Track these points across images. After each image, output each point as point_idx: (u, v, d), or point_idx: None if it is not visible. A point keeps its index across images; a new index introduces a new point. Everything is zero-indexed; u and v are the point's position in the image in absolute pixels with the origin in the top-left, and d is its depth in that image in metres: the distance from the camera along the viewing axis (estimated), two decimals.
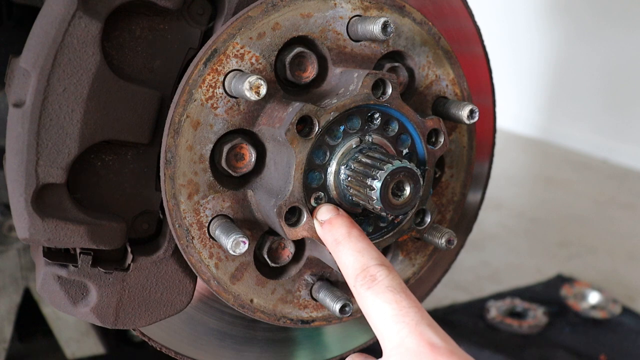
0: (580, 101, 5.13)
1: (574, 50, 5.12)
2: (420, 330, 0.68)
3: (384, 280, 0.73)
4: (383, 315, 0.71)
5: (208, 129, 0.84)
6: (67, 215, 0.82)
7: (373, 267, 0.75)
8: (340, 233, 0.80)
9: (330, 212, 0.83)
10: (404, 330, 0.69)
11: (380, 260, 0.76)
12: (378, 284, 0.73)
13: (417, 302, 0.71)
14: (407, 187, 0.83)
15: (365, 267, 0.76)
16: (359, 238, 0.79)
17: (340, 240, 0.80)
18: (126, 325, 0.91)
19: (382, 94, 0.86)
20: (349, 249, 0.78)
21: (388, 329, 0.70)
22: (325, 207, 0.84)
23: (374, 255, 0.77)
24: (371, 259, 0.76)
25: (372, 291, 0.73)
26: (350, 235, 0.80)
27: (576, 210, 3.72)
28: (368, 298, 0.73)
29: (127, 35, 0.85)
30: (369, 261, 0.76)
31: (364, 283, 0.74)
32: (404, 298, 0.71)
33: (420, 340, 0.68)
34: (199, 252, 0.86)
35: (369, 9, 0.90)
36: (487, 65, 1.14)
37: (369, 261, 0.76)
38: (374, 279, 0.74)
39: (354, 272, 0.76)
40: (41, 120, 0.78)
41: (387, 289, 0.72)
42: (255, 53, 0.84)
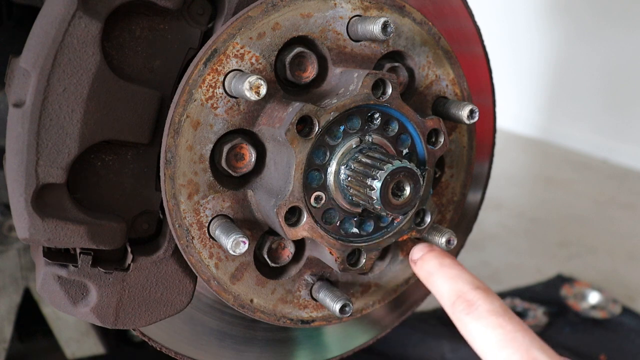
0: (580, 101, 5.13)
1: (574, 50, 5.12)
2: (533, 356, 0.65)
3: (483, 305, 0.71)
4: (488, 342, 0.68)
5: (208, 129, 0.84)
6: (67, 215, 0.82)
7: (469, 291, 0.73)
8: (432, 265, 0.80)
9: (422, 250, 0.83)
10: (514, 356, 0.66)
11: (476, 284, 0.74)
12: (477, 308, 0.71)
13: (522, 324, 0.69)
14: (407, 187, 0.83)
15: (461, 292, 0.74)
16: (451, 266, 0.78)
17: (433, 271, 0.79)
18: (126, 325, 0.91)
19: (382, 94, 0.86)
20: (442, 278, 0.77)
21: (495, 356, 0.67)
22: (418, 247, 0.84)
23: (469, 279, 0.75)
24: (466, 283, 0.74)
25: (472, 317, 0.71)
26: (442, 265, 0.79)
27: (576, 210, 3.72)
28: (469, 324, 0.71)
29: (127, 35, 0.85)
30: (464, 286, 0.74)
31: (463, 309, 0.72)
32: (507, 322, 0.69)
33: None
34: (199, 252, 0.86)
35: (369, 9, 0.90)
36: (487, 65, 1.14)
37: (463, 286, 0.74)
38: (472, 303, 0.72)
39: (450, 299, 0.74)
40: (41, 120, 0.78)
41: (488, 313, 0.70)
42: (255, 53, 0.84)
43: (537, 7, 5.39)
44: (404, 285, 1.04)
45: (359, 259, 0.92)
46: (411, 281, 1.04)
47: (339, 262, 0.89)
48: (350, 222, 0.90)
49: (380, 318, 1.14)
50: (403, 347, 2.02)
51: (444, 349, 2.04)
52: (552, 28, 5.27)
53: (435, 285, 0.78)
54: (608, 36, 4.79)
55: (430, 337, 2.06)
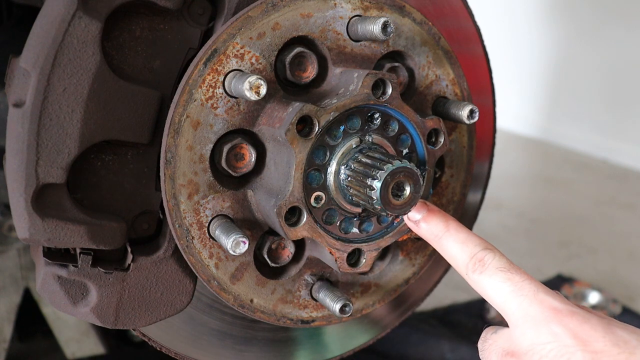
0: (580, 101, 5.12)
1: (574, 50, 5.12)
2: (540, 299, 0.75)
3: (493, 262, 0.80)
4: (501, 294, 0.78)
5: (208, 129, 0.84)
6: (67, 215, 0.82)
7: (479, 252, 0.82)
8: (439, 228, 0.86)
9: (421, 210, 0.87)
10: (525, 301, 0.76)
11: (484, 244, 0.83)
12: (488, 267, 0.80)
13: (527, 275, 0.78)
14: (407, 187, 0.83)
15: (472, 254, 0.82)
16: (457, 229, 0.85)
17: (440, 234, 0.86)
18: (126, 325, 0.91)
19: (382, 94, 0.86)
20: (452, 242, 0.85)
21: (509, 305, 0.77)
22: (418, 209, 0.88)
23: (476, 241, 0.83)
24: (475, 246, 0.82)
25: (485, 275, 0.80)
26: (449, 227, 0.85)
27: (576, 210, 3.72)
28: (482, 281, 0.80)
29: (127, 35, 0.85)
30: (474, 248, 0.82)
31: (475, 269, 0.81)
32: (515, 274, 0.78)
33: (542, 307, 0.75)
34: (199, 252, 0.86)
35: (369, 9, 0.90)
36: (487, 65, 1.14)
37: (474, 248, 0.82)
38: (483, 263, 0.80)
39: (464, 262, 0.83)
40: (41, 120, 0.78)
41: (498, 270, 0.79)
42: (255, 53, 0.84)
43: (537, 7, 5.39)
44: (404, 285, 1.04)
45: (359, 259, 0.92)
46: (411, 281, 1.04)
47: (339, 262, 0.89)
48: (350, 222, 0.90)
49: (380, 318, 1.14)
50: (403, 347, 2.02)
51: (444, 349, 2.04)
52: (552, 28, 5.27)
53: (446, 249, 0.85)
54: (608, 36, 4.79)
55: (430, 337, 2.06)
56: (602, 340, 0.71)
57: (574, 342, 0.72)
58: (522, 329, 0.76)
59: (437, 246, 0.87)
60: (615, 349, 0.70)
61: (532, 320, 0.75)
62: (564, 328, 0.73)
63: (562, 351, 0.72)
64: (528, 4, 5.47)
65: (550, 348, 0.73)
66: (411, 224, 0.89)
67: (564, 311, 0.74)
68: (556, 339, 0.73)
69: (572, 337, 0.72)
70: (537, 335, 0.74)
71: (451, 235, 0.85)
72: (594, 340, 0.71)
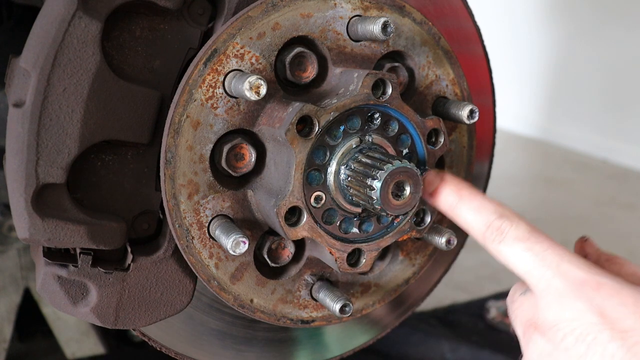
0: (580, 101, 5.12)
1: (574, 50, 5.12)
2: (563, 270, 0.70)
3: (511, 232, 0.75)
4: (522, 265, 0.73)
5: (208, 129, 0.84)
6: (67, 215, 0.82)
7: (495, 221, 0.76)
8: (453, 198, 0.81)
9: (434, 181, 0.84)
10: (548, 273, 0.71)
11: (500, 211, 0.77)
12: (507, 236, 0.75)
13: (549, 241, 0.73)
14: (407, 187, 0.83)
15: (488, 223, 0.77)
16: (471, 197, 0.80)
17: (454, 204, 0.81)
18: (126, 325, 0.91)
19: (382, 94, 0.86)
20: (466, 211, 0.80)
21: (532, 276, 0.72)
22: (429, 178, 0.84)
23: (492, 209, 0.78)
24: (491, 213, 0.77)
25: (503, 245, 0.75)
26: (462, 197, 0.81)
27: (576, 210, 3.72)
28: (502, 252, 0.75)
29: (127, 35, 0.85)
30: (489, 216, 0.77)
31: (494, 239, 0.76)
32: (535, 243, 0.73)
33: (566, 279, 0.69)
34: (199, 252, 0.86)
35: (369, 9, 0.90)
36: (487, 65, 1.14)
37: (489, 217, 0.77)
38: (501, 232, 0.75)
39: (480, 231, 0.78)
40: (41, 120, 0.78)
41: (516, 240, 0.74)
42: (255, 53, 0.84)
43: (537, 7, 5.39)
44: (404, 285, 1.04)
45: (359, 259, 0.92)
46: (411, 281, 1.04)
47: (339, 262, 0.89)
48: (350, 222, 0.90)
49: (380, 318, 1.14)
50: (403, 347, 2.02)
51: (444, 349, 2.04)
52: (552, 28, 5.27)
53: (461, 218, 0.81)
54: (608, 36, 4.79)
55: (430, 337, 2.06)
56: (631, 317, 0.64)
57: (600, 320, 0.65)
58: (547, 301, 0.70)
59: (452, 217, 0.82)
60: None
61: (556, 293, 0.69)
62: (589, 304, 0.67)
63: (588, 330, 0.66)
64: (528, 4, 5.47)
65: (575, 326, 0.67)
66: (426, 197, 0.85)
67: (590, 283, 0.68)
68: (581, 316, 0.67)
69: (598, 315, 0.66)
70: (562, 311, 0.68)
71: (464, 203, 0.80)
72: (623, 317, 0.65)
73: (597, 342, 0.65)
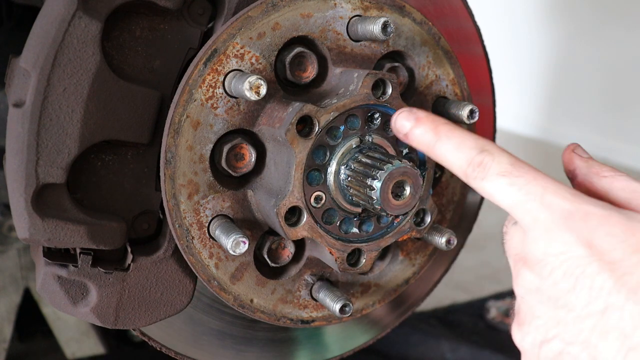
0: (581, 101, 5.12)
1: (574, 50, 5.12)
2: (548, 202, 0.67)
3: (493, 167, 0.71)
4: (507, 200, 0.70)
5: (208, 129, 0.84)
6: (67, 215, 0.82)
7: (477, 156, 0.73)
8: (430, 136, 0.77)
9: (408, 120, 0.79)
10: (532, 206, 0.68)
11: (480, 146, 0.73)
12: (488, 171, 0.72)
13: (533, 172, 0.70)
14: (407, 187, 0.83)
15: (469, 159, 0.73)
16: (449, 133, 0.76)
17: (433, 143, 0.77)
18: (126, 325, 0.91)
19: (382, 94, 0.86)
20: (446, 149, 0.75)
21: (517, 211, 0.70)
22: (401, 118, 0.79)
23: (472, 144, 0.74)
24: (471, 149, 0.73)
25: (486, 181, 0.72)
26: (439, 134, 0.76)
27: None
28: (485, 188, 0.72)
29: (127, 35, 0.85)
30: (470, 152, 0.73)
31: (476, 176, 0.73)
32: (518, 176, 0.70)
33: (551, 211, 0.66)
34: (199, 252, 0.86)
35: (369, 9, 0.90)
36: (487, 65, 1.14)
37: (469, 152, 0.73)
38: (483, 167, 0.72)
39: (461, 169, 0.74)
40: (41, 120, 0.78)
41: (499, 175, 0.71)
42: (255, 53, 0.84)
43: (537, 7, 5.39)
44: (404, 285, 1.04)
45: (359, 259, 0.92)
46: (411, 281, 1.04)
47: (339, 262, 0.89)
48: (350, 222, 0.90)
49: (380, 318, 1.14)
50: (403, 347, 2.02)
51: (444, 349, 2.04)
52: (552, 28, 5.27)
53: (441, 157, 0.77)
54: (608, 36, 4.79)
55: (430, 337, 2.06)
56: (620, 247, 0.61)
57: (588, 252, 0.63)
58: (534, 235, 0.68)
59: (432, 156, 0.78)
60: (635, 256, 0.61)
61: (542, 227, 0.67)
62: (576, 236, 0.64)
63: (575, 263, 0.63)
64: (528, 4, 5.47)
65: (563, 259, 0.64)
66: (402, 136, 0.80)
67: (576, 214, 0.65)
68: (568, 249, 0.64)
69: (585, 246, 0.63)
70: (549, 245, 0.66)
71: (443, 141, 0.76)
72: (611, 248, 0.62)
73: (585, 275, 0.63)
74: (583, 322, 0.63)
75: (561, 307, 0.65)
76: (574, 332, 0.64)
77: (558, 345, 0.65)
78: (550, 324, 0.66)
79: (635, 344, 0.59)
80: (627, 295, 0.60)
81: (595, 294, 0.62)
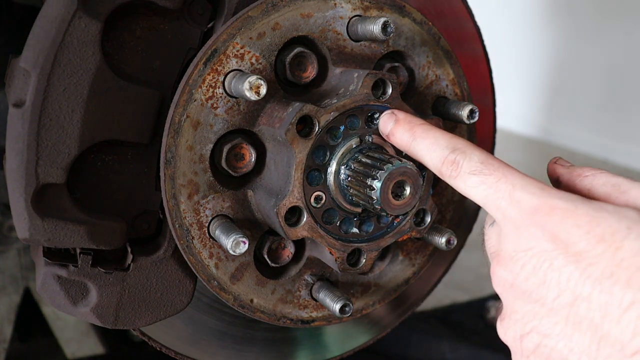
0: (581, 101, 5.12)
1: (574, 50, 5.12)
2: (516, 199, 0.68)
3: (465, 165, 0.74)
4: (479, 198, 0.72)
5: (208, 129, 0.84)
6: (67, 215, 0.82)
7: (450, 155, 0.75)
8: (406, 137, 0.81)
9: (388, 123, 0.83)
10: (502, 203, 0.69)
11: (453, 144, 0.76)
12: (460, 170, 0.74)
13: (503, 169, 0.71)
14: (407, 187, 0.83)
15: (443, 158, 0.76)
16: (423, 134, 0.79)
17: (409, 143, 0.81)
18: (126, 325, 0.91)
19: (382, 94, 0.86)
20: (420, 149, 0.79)
21: (490, 209, 0.71)
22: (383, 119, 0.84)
23: (445, 143, 0.77)
24: (444, 148, 0.76)
25: (459, 179, 0.74)
26: (415, 135, 0.80)
27: None
28: (459, 187, 0.74)
29: (127, 35, 0.85)
30: (443, 151, 0.76)
31: (450, 174, 0.75)
32: (488, 174, 0.71)
33: (519, 208, 0.67)
34: (199, 252, 0.86)
35: (369, 9, 0.90)
36: (487, 65, 1.14)
37: (442, 152, 0.76)
38: (455, 166, 0.74)
39: (436, 168, 0.77)
40: (41, 120, 0.78)
41: (470, 174, 0.73)
42: (255, 53, 0.84)
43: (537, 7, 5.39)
44: (404, 285, 1.04)
45: (359, 259, 0.92)
46: (411, 281, 1.04)
47: (339, 262, 0.89)
48: (350, 222, 0.90)
49: (380, 318, 1.14)
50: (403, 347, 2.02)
51: (444, 349, 2.04)
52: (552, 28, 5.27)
53: (418, 156, 0.80)
54: (608, 36, 4.79)
55: (430, 337, 2.06)
56: (585, 238, 0.62)
57: (554, 246, 0.63)
58: (505, 232, 0.69)
59: (412, 155, 0.82)
60: (599, 246, 0.61)
61: (512, 224, 0.68)
62: (542, 230, 0.65)
63: (543, 257, 0.64)
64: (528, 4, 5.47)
65: (532, 255, 0.65)
66: (385, 137, 0.85)
67: (542, 209, 0.65)
68: (536, 245, 0.65)
69: (551, 240, 0.64)
70: (518, 241, 0.67)
71: (417, 141, 0.79)
72: (576, 240, 0.62)
73: (552, 269, 0.64)
74: (557, 314, 0.64)
75: (535, 301, 0.66)
76: (549, 324, 0.65)
77: (536, 338, 0.67)
78: (527, 318, 0.68)
79: (605, 332, 0.60)
80: (593, 285, 0.61)
81: (563, 287, 0.63)
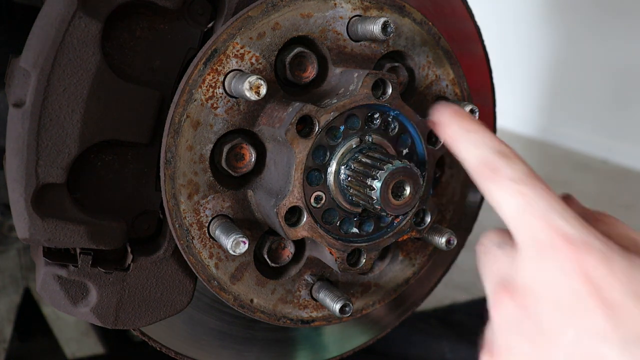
0: (581, 101, 5.12)
1: (575, 50, 5.12)
2: (552, 222, 0.62)
3: (505, 171, 0.68)
4: (510, 210, 0.66)
5: (208, 129, 0.84)
6: (67, 215, 0.82)
7: (491, 156, 0.70)
8: (455, 130, 0.75)
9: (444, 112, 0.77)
10: (535, 223, 0.63)
11: (498, 148, 0.70)
12: (499, 175, 0.68)
13: (545, 189, 0.65)
14: (407, 187, 0.83)
15: (484, 159, 0.70)
16: (473, 130, 0.74)
17: (456, 137, 0.75)
18: (126, 325, 0.91)
19: (382, 94, 0.86)
20: (465, 144, 0.73)
21: (517, 224, 0.65)
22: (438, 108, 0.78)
23: (491, 144, 0.71)
24: (488, 149, 0.71)
25: (494, 183, 0.68)
26: (464, 129, 0.74)
27: None
28: (491, 191, 0.69)
29: (127, 35, 0.85)
30: (485, 151, 0.71)
31: (486, 176, 0.69)
32: (529, 188, 0.65)
33: (553, 233, 0.61)
34: (199, 252, 0.86)
35: (369, 9, 0.90)
36: (487, 65, 1.14)
37: (485, 151, 0.71)
38: (494, 169, 0.69)
39: (473, 165, 0.71)
40: (41, 120, 0.78)
41: (510, 181, 0.67)
42: (255, 53, 0.84)
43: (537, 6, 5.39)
44: (404, 285, 1.04)
45: (359, 259, 0.92)
46: (411, 281, 1.04)
47: (339, 262, 0.89)
48: (350, 222, 0.90)
49: (380, 318, 1.14)
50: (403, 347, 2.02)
51: (444, 349, 2.04)
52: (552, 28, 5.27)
53: (459, 152, 0.74)
54: (609, 36, 4.79)
55: (430, 337, 2.06)
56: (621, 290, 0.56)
57: (586, 289, 0.57)
58: (526, 256, 0.63)
59: (452, 149, 0.76)
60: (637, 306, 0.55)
61: (538, 248, 0.62)
62: (575, 266, 0.58)
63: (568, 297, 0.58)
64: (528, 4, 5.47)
65: (553, 291, 0.59)
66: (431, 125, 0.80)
67: (578, 243, 0.59)
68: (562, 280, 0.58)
69: (584, 282, 0.57)
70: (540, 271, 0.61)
71: (465, 136, 0.74)
72: (611, 289, 0.56)
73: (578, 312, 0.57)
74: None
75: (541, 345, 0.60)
76: None
77: None
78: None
79: None
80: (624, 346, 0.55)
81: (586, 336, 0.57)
